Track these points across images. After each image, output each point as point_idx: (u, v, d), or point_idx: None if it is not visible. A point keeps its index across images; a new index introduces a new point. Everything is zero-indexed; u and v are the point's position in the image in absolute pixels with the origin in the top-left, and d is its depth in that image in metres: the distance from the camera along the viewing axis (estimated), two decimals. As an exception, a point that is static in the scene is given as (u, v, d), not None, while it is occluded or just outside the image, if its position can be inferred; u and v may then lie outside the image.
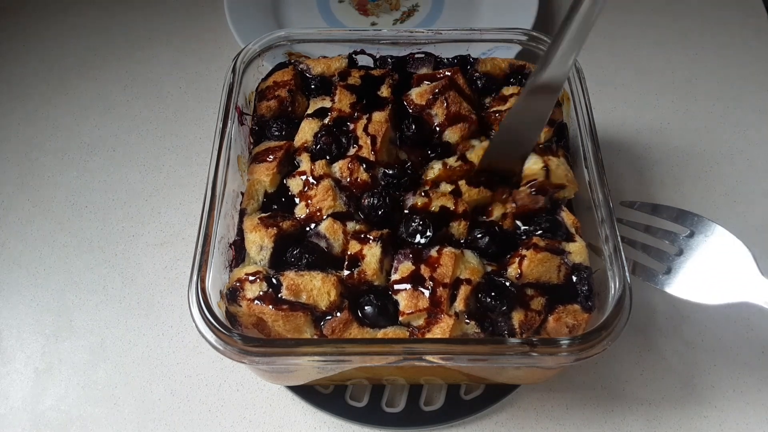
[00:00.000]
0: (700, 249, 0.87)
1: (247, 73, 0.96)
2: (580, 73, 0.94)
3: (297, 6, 1.38)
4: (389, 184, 0.86)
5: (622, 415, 0.92)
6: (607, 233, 0.80)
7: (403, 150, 0.90)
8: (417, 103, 0.91)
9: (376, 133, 0.87)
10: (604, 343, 0.72)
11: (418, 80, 0.95)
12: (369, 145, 0.86)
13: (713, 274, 0.85)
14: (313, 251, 0.80)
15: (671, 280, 0.87)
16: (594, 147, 0.87)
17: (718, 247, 0.86)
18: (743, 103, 1.26)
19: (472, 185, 0.84)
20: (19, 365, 0.97)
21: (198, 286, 0.75)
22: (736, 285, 0.83)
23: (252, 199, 0.87)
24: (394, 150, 0.90)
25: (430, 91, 0.91)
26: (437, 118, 0.90)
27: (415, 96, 0.92)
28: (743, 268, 0.83)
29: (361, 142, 0.87)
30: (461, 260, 0.79)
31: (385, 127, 0.88)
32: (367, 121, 0.88)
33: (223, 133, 0.87)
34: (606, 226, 0.80)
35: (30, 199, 1.14)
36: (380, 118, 0.88)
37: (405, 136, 0.90)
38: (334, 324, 0.76)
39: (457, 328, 0.75)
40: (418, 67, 0.99)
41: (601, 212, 0.82)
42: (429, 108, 0.91)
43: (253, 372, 0.91)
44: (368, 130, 0.87)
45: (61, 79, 1.30)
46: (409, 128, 0.89)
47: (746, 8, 1.41)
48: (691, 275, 0.86)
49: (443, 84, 0.91)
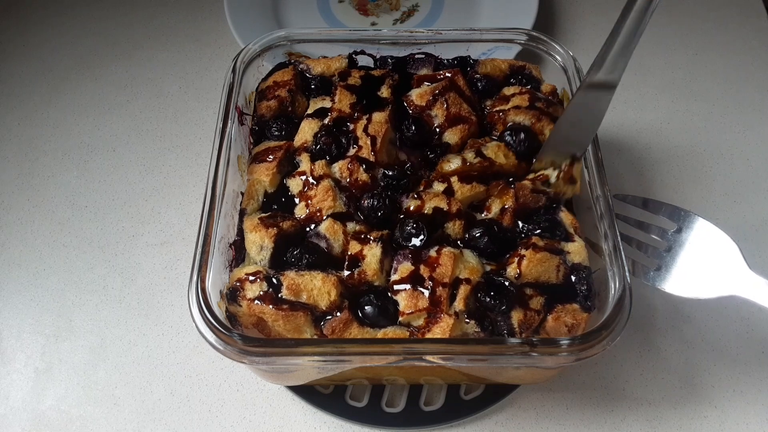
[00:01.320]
0: (688, 244, 0.88)
1: (247, 73, 0.96)
2: (580, 73, 0.94)
3: (297, 6, 1.38)
4: (389, 185, 0.86)
5: (622, 415, 0.92)
6: (607, 233, 0.80)
7: (403, 151, 0.90)
8: (417, 104, 0.91)
9: (376, 133, 0.87)
10: (604, 343, 0.72)
11: (419, 81, 0.95)
12: (369, 145, 0.86)
13: (701, 269, 0.86)
14: (314, 251, 0.80)
15: (661, 277, 0.87)
16: (594, 147, 0.87)
17: (705, 242, 0.87)
18: (743, 103, 1.26)
19: (464, 181, 0.85)
20: (19, 365, 0.97)
21: (198, 286, 0.75)
22: (724, 279, 0.83)
23: (252, 199, 0.87)
24: (394, 151, 0.90)
25: (431, 92, 0.91)
26: (437, 119, 0.90)
27: (415, 97, 0.92)
28: (730, 262, 0.84)
29: (361, 143, 0.87)
30: (460, 260, 0.79)
31: (385, 127, 0.88)
32: (367, 122, 0.88)
33: (223, 133, 0.87)
34: (606, 225, 0.80)
35: (30, 199, 1.14)
36: (380, 118, 0.88)
37: (405, 137, 0.90)
38: (334, 324, 0.76)
39: (456, 327, 0.75)
40: (418, 67, 0.99)
41: (600, 212, 0.82)
42: (429, 109, 0.91)
43: (254, 372, 0.91)
44: (368, 131, 0.87)
45: (61, 79, 1.30)
46: (409, 129, 0.89)
47: (746, 8, 1.41)
48: (680, 271, 0.87)
49: (443, 85, 0.91)
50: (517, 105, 0.92)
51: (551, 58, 0.98)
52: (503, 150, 0.87)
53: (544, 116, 0.90)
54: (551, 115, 0.91)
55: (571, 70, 0.95)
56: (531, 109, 0.91)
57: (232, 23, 1.28)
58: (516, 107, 0.92)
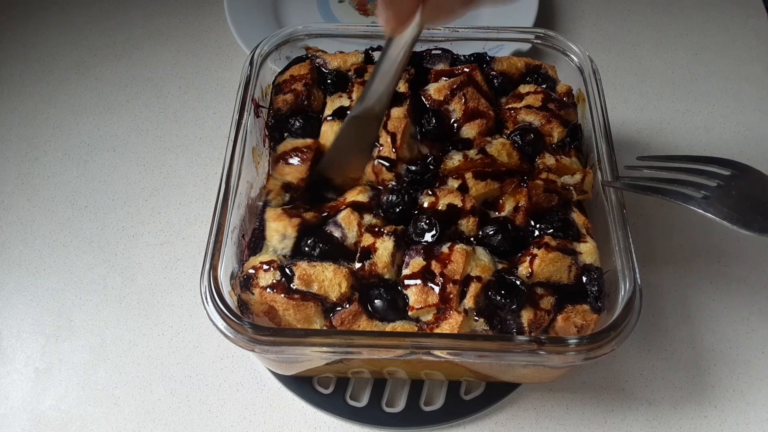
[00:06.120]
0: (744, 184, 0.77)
1: (264, 66, 0.97)
2: (596, 74, 0.94)
3: (297, 6, 1.38)
4: (413, 180, 0.86)
5: (622, 415, 0.92)
6: (619, 234, 0.80)
7: (424, 144, 0.90)
8: (435, 98, 0.92)
9: (395, 130, 0.87)
10: (612, 343, 0.72)
11: (436, 76, 0.95)
12: (389, 143, 0.87)
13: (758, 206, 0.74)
14: (328, 241, 0.81)
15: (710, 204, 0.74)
16: (609, 149, 0.87)
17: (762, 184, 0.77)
18: (743, 103, 1.26)
19: (479, 179, 0.85)
20: (19, 365, 0.97)
21: (210, 275, 0.75)
22: None
23: (278, 196, 0.87)
24: (416, 144, 0.90)
25: (449, 86, 0.91)
26: (455, 113, 0.90)
27: (432, 91, 0.92)
28: None
29: (381, 141, 0.87)
30: (472, 257, 0.79)
31: (404, 122, 0.88)
32: (386, 118, 0.88)
33: (239, 125, 0.88)
34: (618, 227, 0.81)
35: (30, 199, 1.14)
36: (399, 113, 0.89)
37: (426, 131, 0.89)
38: (343, 315, 0.77)
39: (465, 324, 0.75)
40: (434, 63, 0.99)
41: (613, 214, 0.82)
42: (447, 104, 0.91)
43: (261, 361, 0.92)
44: (388, 128, 0.88)
45: (61, 79, 1.30)
46: (430, 122, 0.89)
47: (746, 8, 1.41)
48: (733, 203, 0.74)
49: (461, 80, 0.91)
50: (529, 104, 0.92)
51: (567, 58, 0.98)
52: (507, 148, 0.87)
53: (554, 118, 0.91)
54: (562, 118, 0.91)
55: (588, 71, 0.95)
56: (542, 110, 0.91)
57: (232, 23, 1.28)
58: (528, 107, 0.92)
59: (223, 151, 0.86)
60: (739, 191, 0.76)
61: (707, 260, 1.06)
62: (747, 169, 0.79)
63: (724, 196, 0.75)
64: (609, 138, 0.88)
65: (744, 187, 0.76)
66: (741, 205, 0.74)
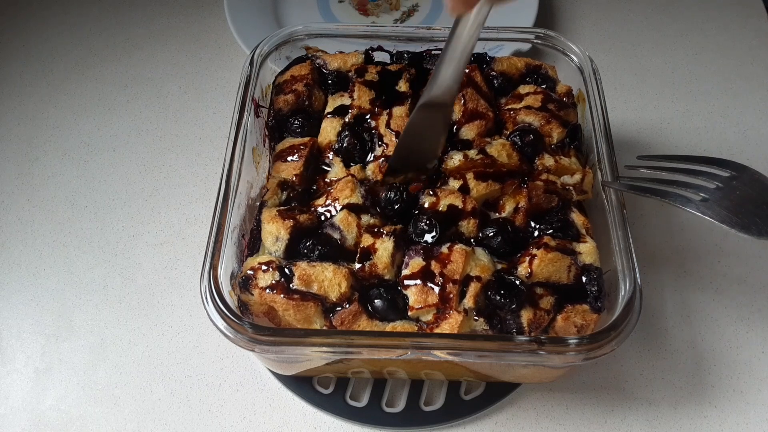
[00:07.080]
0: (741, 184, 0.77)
1: (264, 66, 0.97)
2: (596, 74, 0.94)
3: (297, 6, 1.38)
4: None
5: (622, 415, 0.92)
6: (619, 234, 0.80)
7: None
8: None
9: (398, 128, 0.88)
10: (612, 343, 0.72)
11: None
12: (394, 142, 0.87)
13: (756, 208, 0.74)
14: (327, 243, 0.81)
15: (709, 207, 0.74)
16: (608, 149, 0.87)
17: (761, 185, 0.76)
18: (743, 103, 1.26)
19: (480, 179, 0.85)
20: (19, 365, 0.97)
21: (210, 274, 0.75)
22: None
23: (275, 195, 0.87)
24: None
25: None
26: (454, 114, 0.90)
27: None
28: None
29: (386, 140, 0.87)
30: (472, 257, 0.79)
31: (407, 121, 0.88)
32: (389, 117, 0.89)
33: (239, 125, 0.88)
34: (618, 227, 0.81)
35: (30, 199, 1.14)
36: (401, 112, 0.89)
37: None
38: (343, 315, 0.77)
39: (465, 324, 0.75)
40: (434, 63, 0.99)
41: (613, 214, 0.82)
42: None
43: (261, 361, 0.92)
44: (391, 126, 0.88)
45: (61, 79, 1.30)
46: None
47: (746, 8, 1.41)
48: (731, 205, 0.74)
49: None
50: (528, 105, 0.92)
51: (567, 58, 0.98)
52: (507, 149, 0.87)
53: (554, 119, 0.91)
54: (561, 119, 0.91)
55: (588, 71, 0.95)
56: (542, 110, 0.91)
57: (232, 23, 1.28)
58: (527, 107, 0.92)
59: (223, 151, 0.86)
60: (737, 193, 0.76)
61: (707, 260, 1.06)
62: (745, 170, 0.79)
63: (722, 199, 0.75)
64: (609, 138, 0.88)
65: (742, 189, 0.77)
66: (739, 207, 0.74)
